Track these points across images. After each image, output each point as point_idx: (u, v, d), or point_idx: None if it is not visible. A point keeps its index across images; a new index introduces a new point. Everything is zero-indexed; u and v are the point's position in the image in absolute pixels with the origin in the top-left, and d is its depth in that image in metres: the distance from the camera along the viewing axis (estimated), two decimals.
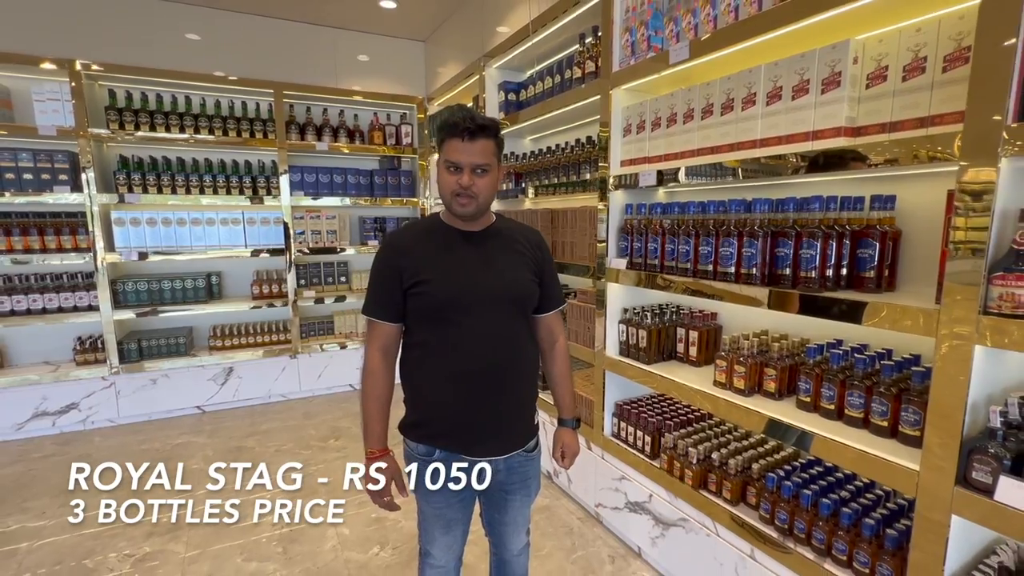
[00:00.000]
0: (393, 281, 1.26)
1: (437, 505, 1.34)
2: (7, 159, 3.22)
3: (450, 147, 1.22)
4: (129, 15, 3.55)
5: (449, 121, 1.22)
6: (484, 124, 1.22)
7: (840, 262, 1.48)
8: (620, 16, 2.09)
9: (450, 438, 1.30)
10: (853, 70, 1.35)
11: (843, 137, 1.38)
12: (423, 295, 1.24)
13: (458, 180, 1.21)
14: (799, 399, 1.64)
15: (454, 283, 1.24)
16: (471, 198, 1.23)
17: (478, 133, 1.21)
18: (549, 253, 1.44)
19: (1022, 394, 1.15)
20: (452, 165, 1.22)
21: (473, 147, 1.20)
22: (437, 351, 1.26)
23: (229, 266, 4.11)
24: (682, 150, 1.87)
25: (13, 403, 3.31)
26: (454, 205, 1.24)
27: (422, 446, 1.32)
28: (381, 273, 1.29)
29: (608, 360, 2.27)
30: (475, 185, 1.22)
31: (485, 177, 1.25)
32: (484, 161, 1.23)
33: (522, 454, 1.38)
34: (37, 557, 2.17)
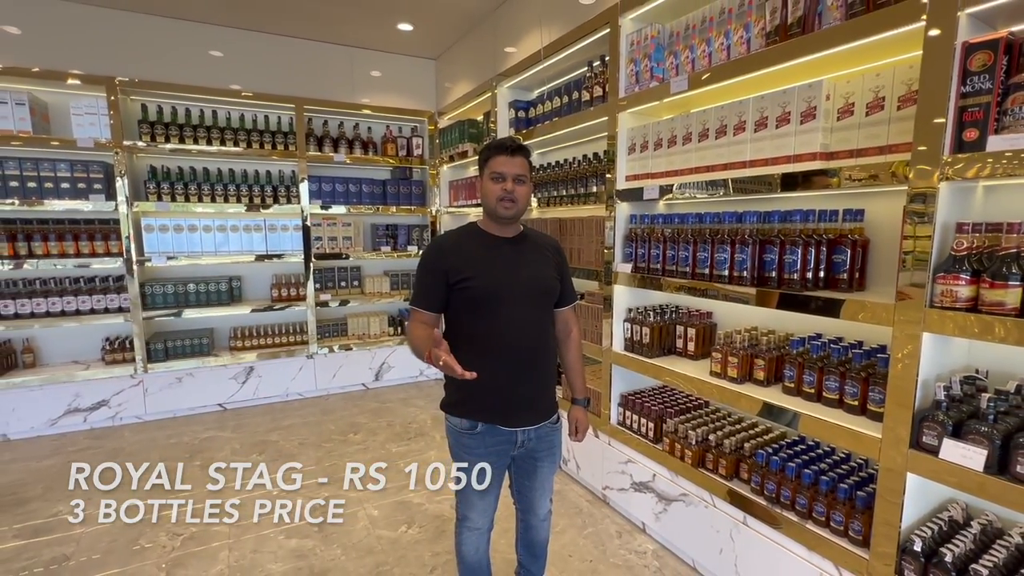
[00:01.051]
0: (439, 278, 1.50)
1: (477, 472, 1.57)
2: (47, 169, 3.42)
3: (496, 162, 1.49)
4: (161, 34, 3.77)
5: (495, 143, 1.52)
6: (522, 145, 1.54)
7: (818, 266, 1.73)
8: (626, 48, 2.36)
9: (493, 412, 1.53)
10: (826, 105, 1.61)
11: (818, 160, 1.64)
12: (467, 289, 1.48)
13: (503, 187, 1.47)
14: (784, 385, 1.89)
15: (494, 279, 1.49)
16: (513, 202, 1.49)
17: (518, 151, 1.51)
18: (565, 257, 1.71)
19: (964, 374, 1.41)
20: (498, 175, 1.48)
21: (514, 161, 1.49)
22: (479, 337, 1.50)
23: (249, 270, 4.32)
24: (681, 168, 2.13)
25: (47, 400, 3.49)
26: (499, 209, 1.49)
27: (465, 421, 1.55)
28: (428, 271, 1.53)
29: (614, 355, 2.51)
30: (516, 191, 1.48)
31: (523, 186, 1.52)
32: (522, 172, 1.51)
33: (548, 424, 1.62)
34: (90, 541, 2.36)
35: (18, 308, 3.46)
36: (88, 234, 3.60)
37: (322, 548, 2.28)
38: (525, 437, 1.58)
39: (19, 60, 3.38)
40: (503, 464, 1.61)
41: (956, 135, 1.30)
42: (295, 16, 3.75)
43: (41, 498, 2.71)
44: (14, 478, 2.93)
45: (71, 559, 2.21)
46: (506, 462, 1.62)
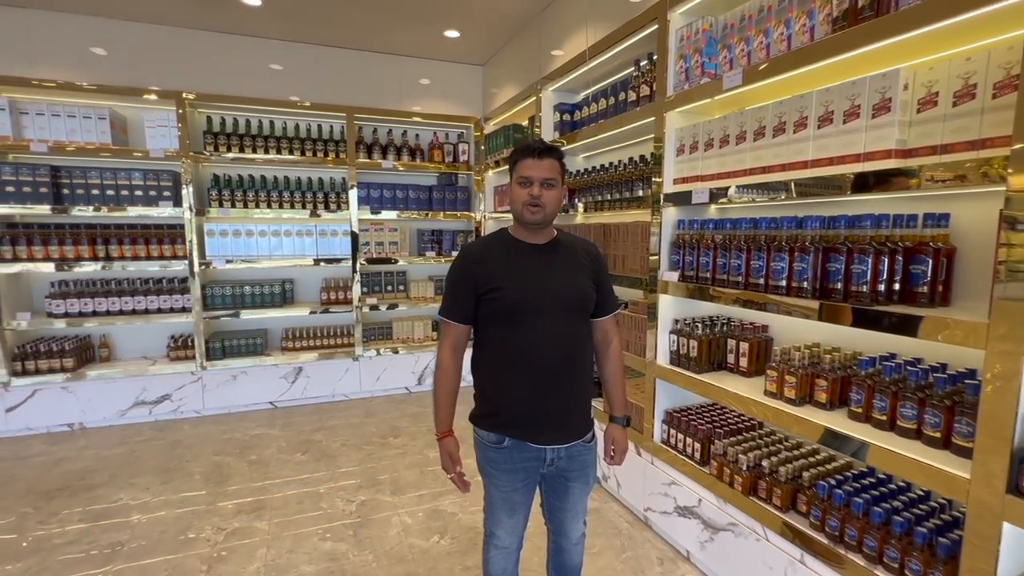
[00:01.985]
0: (468, 288, 1.44)
1: (504, 489, 1.50)
2: (123, 178, 3.70)
3: (523, 165, 1.42)
4: (226, 50, 4.00)
5: (523, 145, 1.44)
6: (551, 146, 1.45)
7: (892, 277, 1.54)
8: (675, 44, 2.23)
9: (521, 427, 1.45)
10: (903, 96, 1.43)
11: (893, 158, 1.45)
12: (497, 300, 1.41)
13: (529, 192, 1.40)
14: (851, 410, 1.69)
15: (524, 289, 1.41)
16: (539, 207, 1.41)
17: (546, 153, 1.42)
18: (605, 263, 1.60)
19: None
20: (525, 180, 1.41)
21: (542, 164, 1.41)
22: (509, 349, 1.43)
23: (301, 274, 4.48)
24: (734, 169, 1.98)
25: (118, 392, 3.75)
26: (525, 214, 1.42)
27: (493, 435, 1.48)
28: (457, 280, 1.47)
29: (659, 369, 2.36)
30: (543, 196, 1.40)
31: (552, 191, 1.43)
32: (551, 176, 1.42)
33: (581, 444, 1.52)
34: (144, 528, 2.48)
35: (96, 306, 3.74)
36: (157, 238, 3.85)
37: (355, 553, 2.28)
38: (555, 455, 1.49)
39: (104, 79, 3.68)
40: (531, 482, 1.52)
41: None
42: (346, 27, 3.86)
43: (107, 484, 2.89)
44: (86, 464, 3.16)
45: (125, 545, 2.32)
46: (535, 479, 1.53)
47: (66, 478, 2.97)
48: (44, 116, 3.49)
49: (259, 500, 2.73)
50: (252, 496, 2.78)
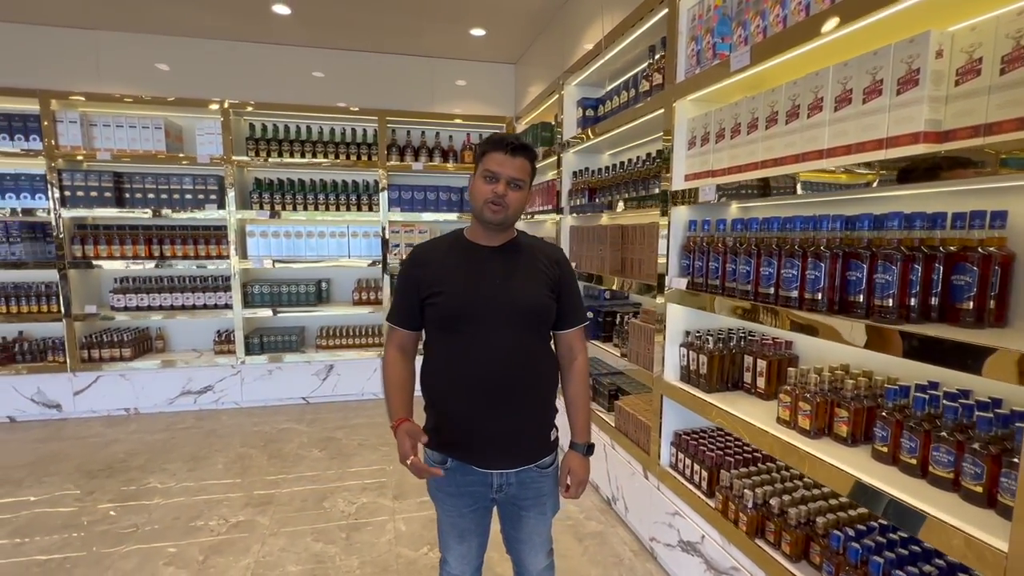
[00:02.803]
0: (411, 291, 1.34)
1: (450, 514, 1.38)
2: (175, 183, 3.98)
3: (492, 159, 1.28)
4: (266, 59, 4.20)
5: (494, 138, 1.30)
6: (526, 144, 1.31)
7: (928, 289, 1.25)
8: (686, 25, 2.01)
9: (463, 448, 1.33)
10: (935, 65, 1.15)
11: (921, 143, 1.17)
12: (437, 305, 1.30)
13: (493, 189, 1.27)
14: (875, 448, 1.41)
15: (468, 294, 1.29)
16: (502, 207, 1.27)
17: (519, 151, 1.28)
18: (570, 270, 1.43)
19: None
20: (491, 175, 1.27)
21: (513, 162, 1.27)
22: (450, 361, 1.31)
23: (336, 274, 4.61)
24: (745, 162, 1.73)
25: (168, 381, 4.04)
26: (485, 212, 1.28)
27: (436, 453, 1.36)
28: (402, 283, 1.37)
29: (666, 385, 2.14)
30: (508, 196, 1.27)
31: (518, 192, 1.30)
32: (520, 176, 1.29)
33: (535, 469, 1.37)
34: (160, 512, 2.61)
35: (151, 301, 4.06)
36: (204, 239, 4.11)
37: (342, 557, 2.25)
38: (503, 481, 1.35)
39: (162, 91, 3.99)
40: (481, 507, 1.39)
41: None
42: (373, 31, 3.91)
43: (141, 468, 3.10)
44: (130, 447, 3.41)
45: (140, 528, 2.46)
46: (485, 505, 1.40)
47: (110, 460, 3.22)
48: (109, 127, 3.84)
49: (268, 494, 2.80)
50: (263, 489, 2.85)
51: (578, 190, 3.17)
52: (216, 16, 3.66)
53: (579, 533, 2.45)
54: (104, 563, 2.20)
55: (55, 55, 3.86)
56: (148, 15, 3.67)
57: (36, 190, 3.79)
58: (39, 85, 3.72)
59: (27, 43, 3.80)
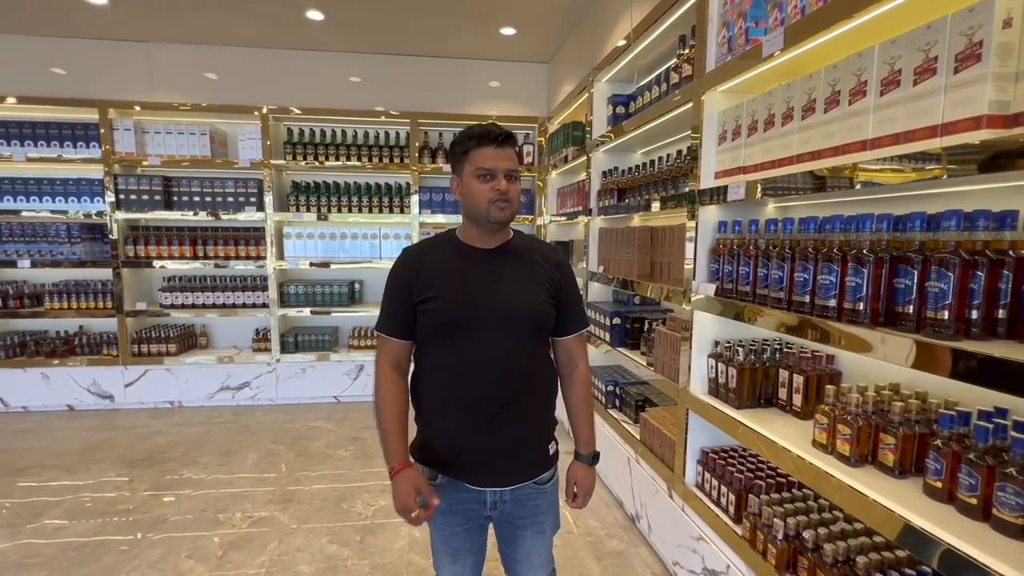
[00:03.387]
0: (403, 296, 1.26)
1: (442, 532, 1.31)
2: (219, 186, 4.15)
3: (481, 155, 1.19)
4: (304, 65, 4.32)
5: (476, 130, 1.21)
6: (510, 132, 1.23)
7: (993, 300, 1.07)
8: (718, 10, 1.86)
9: (454, 465, 1.25)
10: (1001, 36, 0.98)
11: (985, 129, 1.00)
12: (429, 312, 1.22)
13: (494, 186, 1.18)
14: (926, 482, 1.22)
15: (461, 301, 1.21)
16: (508, 202, 1.20)
17: (507, 140, 1.21)
18: (571, 274, 1.33)
19: None
20: (486, 172, 1.18)
21: (504, 152, 1.20)
22: (443, 371, 1.24)
23: (369, 275, 4.67)
24: (780, 157, 1.57)
25: (209, 376, 4.21)
26: (492, 212, 1.19)
27: (427, 469, 1.29)
28: (392, 289, 1.29)
29: (692, 399, 1.98)
30: (510, 190, 1.19)
31: (516, 184, 1.23)
32: (514, 167, 1.22)
33: (532, 486, 1.28)
34: (190, 504, 2.69)
35: (195, 300, 4.24)
36: (245, 240, 4.26)
37: (354, 560, 2.23)
38: (497, 499, 1.26)
39: (209, 99, 4.18)
40: (474, 525, 1.31)
41: None
42: (407, 33, 3.93)
43: (178, 460, 3.23)
44: (171, 439, 3.56)
45: (168, 519, 2.54)
46: (479, 524, 1.32)
47: (151, 450, 3.37)
48: (160, 134, 4.05)
49: (291, 492, 2.84)
50: (287, 486, 2.89)
51: (607, 190, 3.05)
52: (254, 24, 3.79)
53: (599, 552, 2.32)
54: (132, 551, 2.28)
55: (113, 67, 4.12)
56: (194, 26, 3.84)
57: (95, 194, 4.05)
58: (98, 96, 3.97)
59: (87, 57, 4.08)
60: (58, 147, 3.95)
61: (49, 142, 3.94)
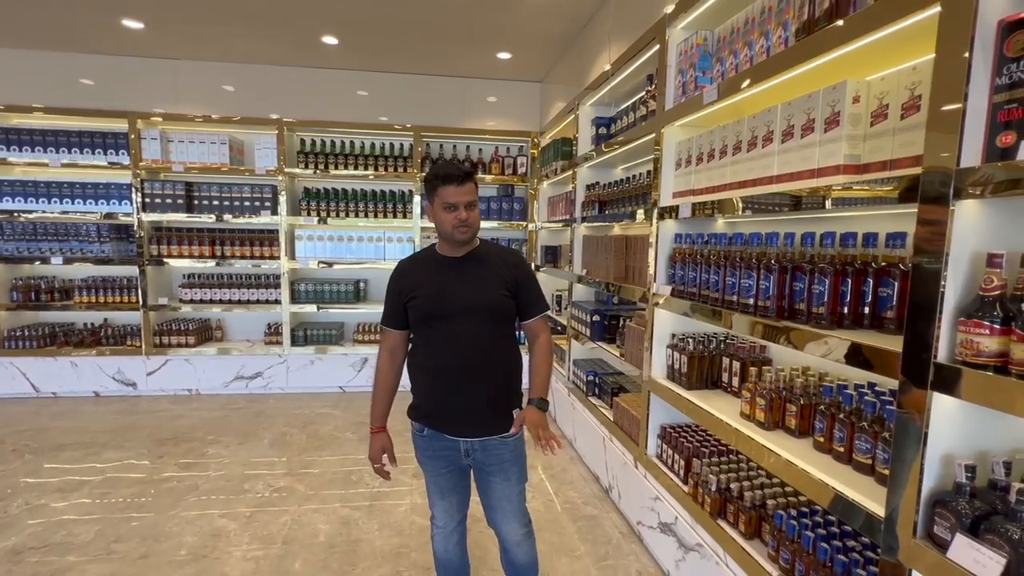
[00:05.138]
0: (397, 297, 1.66)
1: (431, 474, 1.69)
2: (236, 192, 4.51)
3: (446, 192, 1.55)
4: (317, 81, 4.68)
5: (441, 173, 1.57)
6: (468, 171, 1.59)
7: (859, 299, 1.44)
8: (675, 59, 2.23)
9: (434, 419, 1.64)
10: (853, 109, 1.36)
11: (842, 174, 1.38)
12: (414, 308, 1.62)
13: (456, 216, 1.56)
14: (815, 439, 1.59)
15: (436, 296, 1.60)
16: (468, 227, 1.57)
17: (466, 178, 1.57)
18: (527, 270, 1.71)
19: (1006, 457, 1.06)
20: (450, 206, 1.56)
21: (463, 189, 1.56)
22: (425, 350, 1.63)
23: (373, 275, 5.03)
24: (718, 184, 1.94)
25: (224, 366, 4.56)
26: (456, 234, 1.58)
27: (416, 424, 1.69)
28: (390, 291, 1.69)
29: (653, 383, 2.35)
30: (469, 217, 1.57)
31: (474, 210, 1.60)
32: (472, 198, 1.58)
33: (497, 439, 1.64)
34: (216, 476, 3.05)
35: (212, 296, 4.59)
36: (259, 241, 4.61)
37: (364, 521, 2.59)
38: (469, 447, 1.63)
39: (229, 111, 4.53)
40: (455, 468, 1.69)
41: (988, 140, 1.01)
42: (414, 56, 4.31)
43: (201, 440, 3.58)
44: (193, 422, 3.91)
45: (199, 487, 2.89)
46: (459, 468, 1.69)
47: (176, 431, 3.72)
48: (183, 143, 4.40)
49: (305, 467, 3.19)
50: (300, 464, 3.25)
51: (590, 202, 3.42)
52: (275, 46, 4.15)
53: (575, 516, 2.69)
54: (170, 512, 2.63)
55: (142, 81, 4.47)
56: (219, 45, 4.20)
57: (122, 197, 4.40)
58: (127, 107, 4.32)
59: (119, 71, 4.43)
60: (90, 154, 4.30)
61: (82, 149, 4.29)
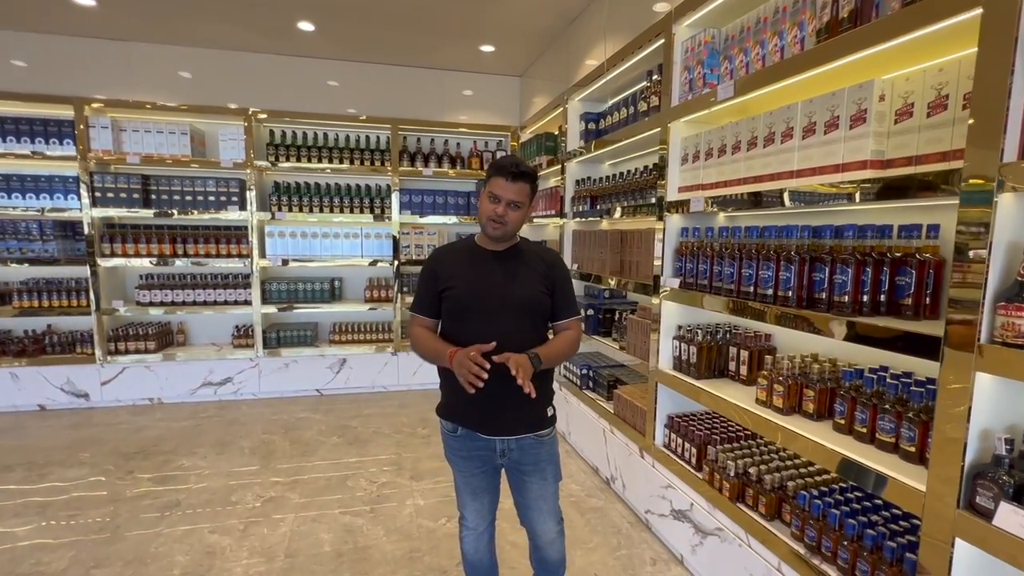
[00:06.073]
0: (432, 285, 1.60)
1: (464, 474, 1.64)
2: (199, 186, 4.21)
3: (495, 183, 1.53)
4: (288, 70, 4.45)
5: (499, 163, 1.55)
6: (525, 171, 1.54)
7: (877, 289, 1.52)
8: (680, 56, 2.28)
9: (469, 418, 1.59)
10: (879, 107, 1.43)
11: (868, 169, 1.45)
12: (450, 298, 1.57)
13: (495, 208, 1.52)
14: (835, 422, 1.68)
15: (474, 289, 1.55)
16: (502, 224, 1.53)
17: (519, 177, 1.53)
18: (564, 272, 1.68)
19: None
20: (494, 197, 1.53)
21: (513, 187, 1.52)
22: (459, 344, 1.55)
23: (349, 273, 4.85)
24: (730, 178, 2.00)
25: (190, 373, 4.27)
26: (488, 227, 1.55)
27: (448, 423, 1.63)
28: (425, 278, 1.63)
29: (661, 374, 2.40)
30: (507, 215, 1.53)
31: (517, 212, 1.55)
32: (519, 199, 1.54)
33: (533, 438, 1.61)
34: (198, 489, 2.85)
35: (174, 297, 4.28)
36: (226, 238, 4.34)
37: (369, 527, 2.50)
38: (505, 447, 1.60)
39: (189, 99, 4.22)
40: (489, 468, 1.65)
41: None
42: (392, 46, 4.17)
43: (173, 452, 3.33)
44: (159, 433, 3.64)
45: (181, 503, 2.69)
46: (493, 467, 1.65)
47: (142, 444, 3.45)
48: (138, 132, 4.07)
49: (295, 474, 3.04)
50: (289, 472, 3.09)
51: (580, 197, 3.44)
52: (245, 31, 3.91)
53: (581, 508, 2.71)
54: (153, 530, 2.44)
55: (90, 64, 4.08)
56: (181, 29, 3.90)
57: (68, 191, 4.01)
58: (75, 93, 3.94)
59: (64, 53, 4.03)
60: (29, 143, 3.89)
61: (19, 138, 3.87)
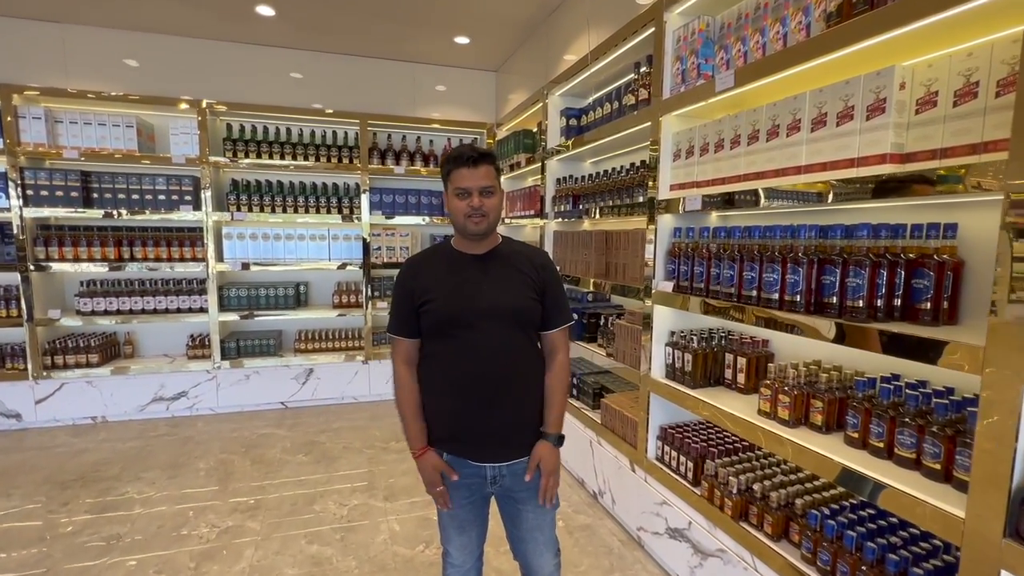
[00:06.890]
0: (407, 301, 1.40)
1: (450, 506, 1.45)
2: (148, 183, 3.86)
3: (458, 176, 1.36)
4: (247, 59, 4.14)
5: (453, 155, 1.37)
6: (484, 152, 1.38)
7: (892, 292, 1.41)
8: (672, 45, 2.15)
9: (456, 443, 1.40)
10: (899, 96, 1.32)
11: (888, 163, 1.34)
12: (429, 312, 1.37)
13: (469, 203, 1.34)
14: (847, 434, 1.56)
15: (456, 301, 1.36)
16: (483, 216, 1.36)
17: (480, 160, 1.35)
18: (554, 274, 1.50)
19: None
20: (462, 191, 1.35)
21: (477, 172, 1.34)
22: (442, 362, 1.38)
23: (315, 277, 4.57)
24: (729, 175, 1.88)
25: (138, 388, 3.90)
26: (468, 225, 1.36)
27: (434, 449, 1.43)
28: (399, 295, 1.44)
29: (653, 382, 2.27)
30: (484, 205, 1.35)
31: (492, 198, 1.38)
32: (489, 183, 1.37)
33: (525, 462, 1.43)
34: (144, 521, 2.55)
35: (120, 305, 3.91)
36: (179, 241, 4.00)
37: (339, 558, 2.27)
38: (496, 473, 1.42)
39: (134, 89, 3.87)
40: (478, 499, 1.47)
41: None
42: (360, 35, 3.94)
43: (116, 477, 3.00)
44: (102, 456, 3.29)
45: (122, 539, 2.39)
46: (482, 497, 1.47)
47: (81, 469, 3.10)
48: (77, 124, 3.69)
49: (256, 499, 2.77)
50: (250, 495, 2.82)
51: (562, 196, 3.29)
52: (198, 15, 3.60)
53: (569, 526, 2.55)
54: (89, 572, 2.14)
55: (18, 48, 3.69)
56: (123, 10, 3.56)
57: None
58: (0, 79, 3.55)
59: None
60: None
61: None
